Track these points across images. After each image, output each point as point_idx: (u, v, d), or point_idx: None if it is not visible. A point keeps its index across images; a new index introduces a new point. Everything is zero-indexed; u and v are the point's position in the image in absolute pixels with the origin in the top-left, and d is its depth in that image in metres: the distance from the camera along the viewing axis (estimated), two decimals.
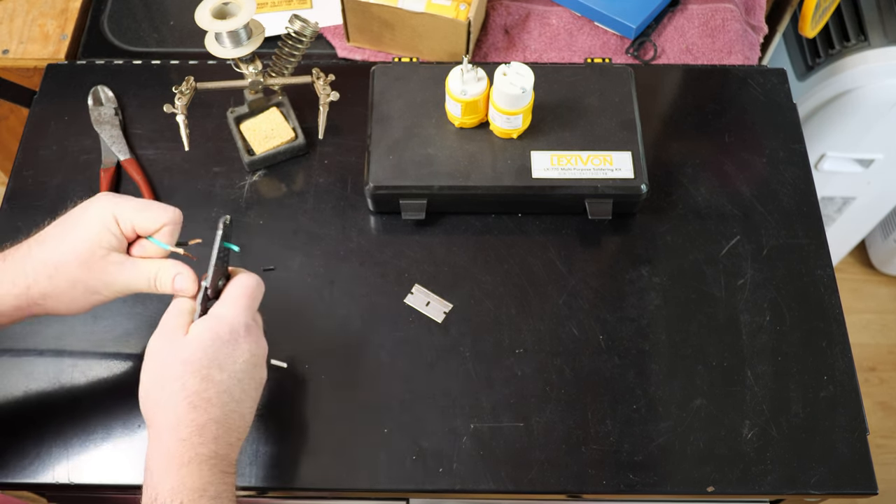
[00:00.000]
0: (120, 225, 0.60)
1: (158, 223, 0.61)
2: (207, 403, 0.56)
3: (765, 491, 0.69)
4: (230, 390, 0.57)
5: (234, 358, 0.57)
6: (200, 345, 0.57)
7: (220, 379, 0.56)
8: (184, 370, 0.56)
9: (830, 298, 0.77)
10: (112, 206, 0.60)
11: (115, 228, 0.60)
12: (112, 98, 0.87)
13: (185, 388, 0.55)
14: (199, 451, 0.55)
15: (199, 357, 0.56)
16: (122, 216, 0.60)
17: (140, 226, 0.61)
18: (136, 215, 0.61)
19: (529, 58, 0.94)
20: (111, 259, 0.60)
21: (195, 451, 0.55)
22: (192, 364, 0.56)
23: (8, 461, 0.69)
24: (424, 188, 0.77)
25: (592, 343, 0.74)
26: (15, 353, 0.74)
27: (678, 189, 0.83)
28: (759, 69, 0.92)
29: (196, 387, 0.55)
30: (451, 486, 0.68)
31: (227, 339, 0.57)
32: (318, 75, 0.81)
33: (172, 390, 0.56)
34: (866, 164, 1.29)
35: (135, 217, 0.61)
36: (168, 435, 0.55)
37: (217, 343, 0.57)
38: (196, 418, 0.55)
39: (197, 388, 0.55)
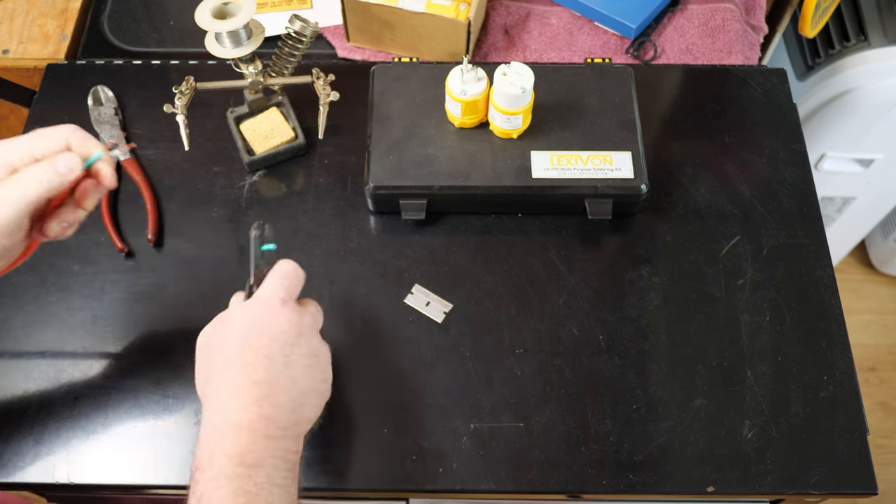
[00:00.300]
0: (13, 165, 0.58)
1: (57, 143, 0.59)
2: (247, 367, 0.56)
3: (765, 491, 0.69)
4: (271, 355, 0.57)
5: (273, 326, 0.57)
6: (236, 320, 0.58)
7: (260, 344, 0.56)
8: (222, 344, 0.58)
9: (830, 298, 0.77)
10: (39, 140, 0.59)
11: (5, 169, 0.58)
12: (112, 98, 0.87)
13: (224, 358, 0.57)
14: (237, 418, 0.54)
15: (236, 329, 0.58)
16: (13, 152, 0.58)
17: (40, 152, 0.58)
18: (28, 144, 0.58)
19: (529, 58, 0.94)
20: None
21: (234, 417, 0.54)
22: (230, 337, 0.57)
23: (8, 461, 0.69)
24: (424, 188, 0.77)
25: (592, 343, 0.74)
26: (15, 353, 0.74)
27: (678, 189, 0.83)
28: (759, 69, 0.92)
29: (233, 353, 0.56)
30: (451, 486, 0.68)
31: (261, 312, 0.58)
32: (318, 75, 0.81)
33: (214, 366, 0.57)
34: (866, 164, 1.29)
35: (27, 146, 0.58)
36: (209, 405, 0.56)
37: (251, 316, 0.58)
38: (235, 381, 0.55)
39: (234, 355, 0.56)
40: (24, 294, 0.77)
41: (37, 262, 0.78)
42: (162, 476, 0.69)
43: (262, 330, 0.57)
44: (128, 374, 0.73)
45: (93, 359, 0.74)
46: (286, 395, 0.57)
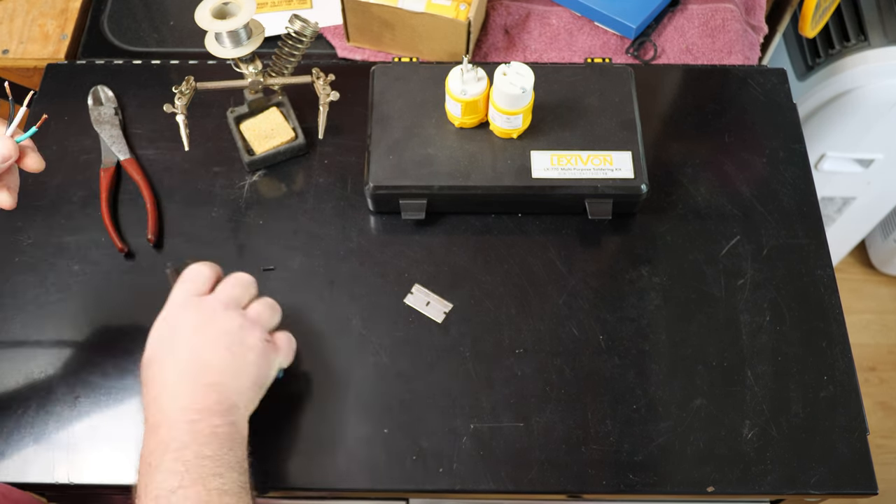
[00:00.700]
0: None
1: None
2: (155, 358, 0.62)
3: (765, 491, 0.69)
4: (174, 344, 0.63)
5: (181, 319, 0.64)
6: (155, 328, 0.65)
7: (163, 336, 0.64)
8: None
9: (830, 298, 0.77)
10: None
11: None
12: (112, 98, 0.88)
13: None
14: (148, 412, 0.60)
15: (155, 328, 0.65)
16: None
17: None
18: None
19: (529, 58, 0.94)
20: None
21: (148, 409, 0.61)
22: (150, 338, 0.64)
23: (8, 461, 0.69)
24: (424, 188, 0.77)
25: (592, 343, 0.74)
26: (15, 353, 0.74)
27: (678, 189, 0.83)
28: (759, 69, 0.92)
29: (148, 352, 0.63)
30: (451, 486, 0.68)
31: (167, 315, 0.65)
32: (318, 75, 0.81)
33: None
34: (866, 164, 1.29)
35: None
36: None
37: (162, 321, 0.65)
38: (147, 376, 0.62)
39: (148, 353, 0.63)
40: (24, 294, 0.77)
41: (37, 262, 0.78)
42: None
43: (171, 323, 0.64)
44: (128, 374, 0.73)
45: (93, 359, 0.74)
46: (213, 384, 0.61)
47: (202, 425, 0.58)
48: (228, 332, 0.63)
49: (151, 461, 0.57)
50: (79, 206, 0.81)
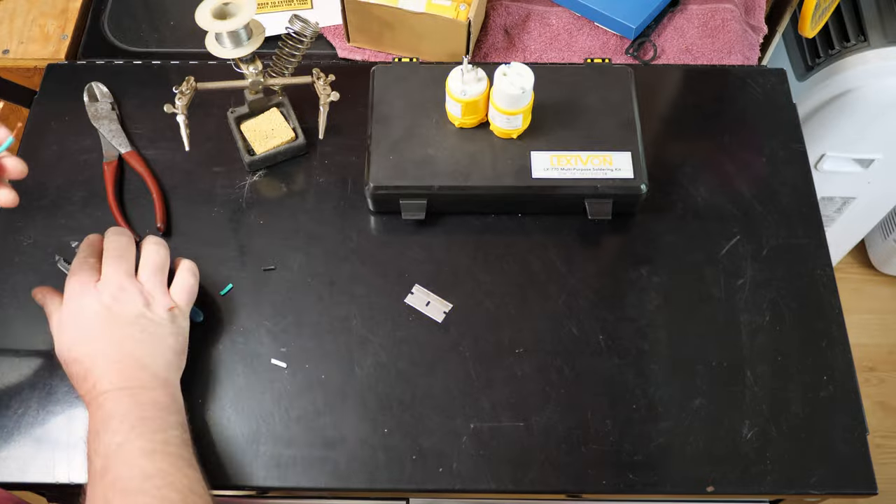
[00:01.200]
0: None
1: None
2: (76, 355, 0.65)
3: (765, 491, 0.69)
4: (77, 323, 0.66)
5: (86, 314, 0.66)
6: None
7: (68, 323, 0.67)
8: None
9: (830, 298, 0.77)
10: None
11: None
12: (107, 93, 0.88)
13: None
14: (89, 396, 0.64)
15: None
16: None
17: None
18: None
19: (529, 58, 0.94)
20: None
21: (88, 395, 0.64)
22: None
23: (8, 461, 0.69)
24: (424, 188, 0.78)
25: (592, 343, 0.75)
26: (15, 353, 0.74)
27: (678, 189, 0.83)
28: (758, 69, 0.92)
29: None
30: (451, 486, 0.68)
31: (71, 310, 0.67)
32: (319, 75, 0.81)
33: None
34: (866, 164, 1.29)
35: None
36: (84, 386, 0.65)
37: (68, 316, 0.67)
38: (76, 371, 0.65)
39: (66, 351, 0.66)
40: (24, 294, 0.77)
41: (38, 262, 0.79)
42: None
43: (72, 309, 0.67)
44: None
45: None
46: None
47: (143, 396, 0.63)
48: (135, 318, 0.66)
49: (98, 429, 0.61)
50: (79, 207, 0.82)
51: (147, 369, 0.65)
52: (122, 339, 0.65)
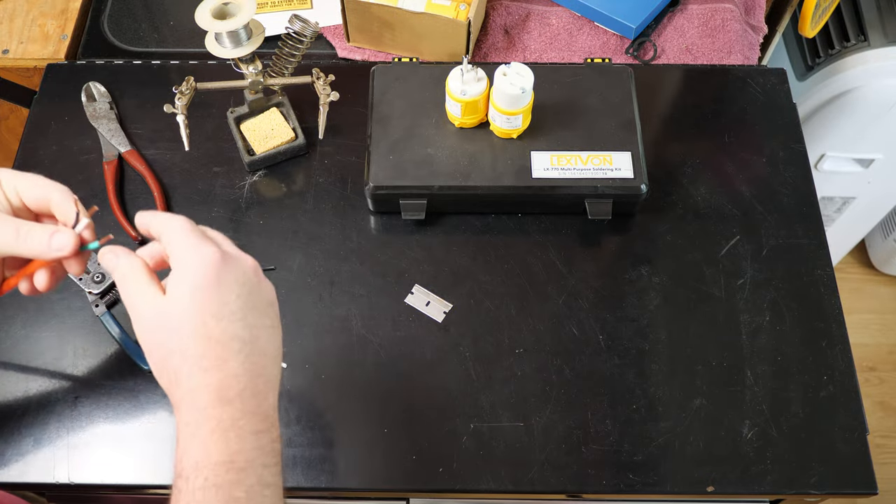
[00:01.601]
0: (3, 186, 0.55)
1: (45, 190, 0.55)
2: (217, 361, 0.49)
3: (765, 491, 0.69)
4: (237, 335, 0.50)
5: (224, 299, 0.50)
6: (181, 304, 0.49)
7: (221, 330, 0.49)
8: (179, 338, 0.49)
9: (830, 298, 0.77)
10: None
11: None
12: (104, 93, 0.88)
13: (186, 356, 0.49)
14: (220, 419, 0.48)
15: (188, 317, 0.49)
16: (6, 180, 0.55)
17: (25, 192, 0.55)
18: (21, 180, 0.55)
19: (529, 58, 0.94)
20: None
21: (216, 419, 0.48)
22: (184, 328, 0.49)
23: (8, 461, 0.69)
24: (424, 188, 0.78)
25: (592, 343, 0.74)
26: (15, 354, 0.74)
27: (678, 189, 0.83)
28: (759, 69, 0.92)
29: (198, 349, 0.49)
30: (451, 486, 0.68)
31: (207, 284, 0.49)
32: (318, 75, 0.81)
33: (175, 364, 0.49)
34: (866, 164, 1.29)
35: (18, 182, 0.55)
36: (186, 407, 0.49)
37: (199, 294, 0.49)
38: (209, 382, 0.49)
39: (199, 351, 0.49)
40: (24, 294, 0.77)
41: None
42: (162, 476, 0.69)
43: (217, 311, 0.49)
44: (128, 374, 0.73)
45: (93, 359, 0.74)
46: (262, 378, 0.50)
47: (265, 441, 0.49)
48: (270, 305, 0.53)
49: (209, 475, 0.47)
50: None
51: (272, 390, 0.51)
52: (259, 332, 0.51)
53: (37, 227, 0.53)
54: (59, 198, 0.55)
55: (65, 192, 0.55)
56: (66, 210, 0.54)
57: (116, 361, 0.74)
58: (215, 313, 0.49)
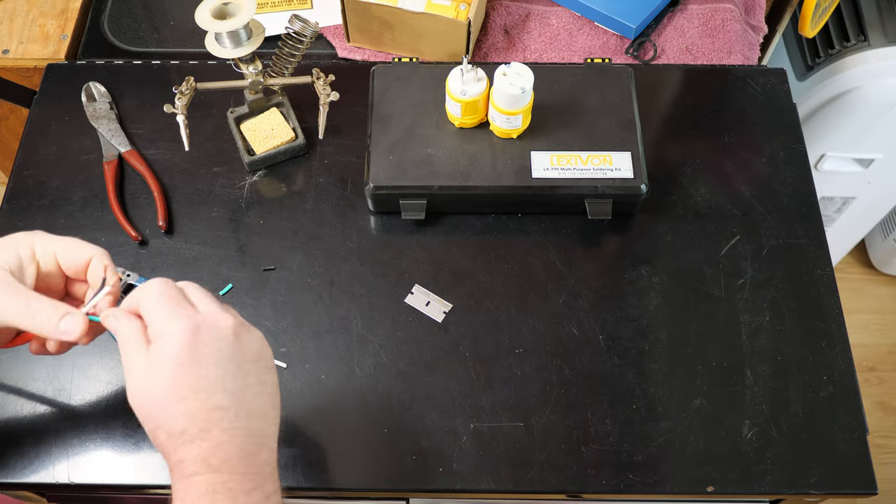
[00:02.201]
0: (36, 252, 0.55)
1: (83, 254, 0.55)
2: (200, 433, 0.49)
3: (765, 491, 0.69)
4: (218, 405, 0.49)
5: (202, 372, 0.49)
6: (162, 380, 0.49)
7: (200, 403, 0.49)
8: (163, 414, 0.49)
9: (830, 298, 0.77)
10: (33, 235, 0.56)
11: (27, 253, 0.55)
12: (104, 93, 0.88)
13: (171, 432, 0.49)
14: (209, 484, 0.48)
15: (169, 393, 0.49)
16: (42, 244, 0.55)
17: (62, 255, 0.56)
18: (58, 244, 0.55)
19: (529, 58, 0.94)
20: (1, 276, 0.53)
21: (205, 485, 0.48)
22: (167, 404, 0.49)
23: (8, 461, 0.69)
24: (424, 188, 0.78)
25: (592, 343, 0.74)
26: (15, 354, 0.74)
27: (678, 189, 0.83)
28: (759, 69, 0.92)
29: (179, 425, 0.49)
30: (451, 486, 0.68)
31: (183, 360, 0.49)
32: (318, 75, 0.81)
33: (162, 438, 0.50)
34: (866, 164, 1.29)
35: (56, 246, 0.55)
36: (176, 476, 0.50)
37: (177, 370, 0.49)
38: (194, 454, 0.49)
39: (181, 426, 0.49)
40: None
41: None
42: (162, 476, 0.69)
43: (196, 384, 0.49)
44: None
45: (93, 359, 0.74)
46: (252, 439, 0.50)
47: (256, 499, 0.49)
48: (258, 358, 0.52)
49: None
50: (79, 206, 0.82)
51: (264, 445, 0.51)
52: (243, 394, 0.50)
53: (46, 306, 0.53)
54: (96, 262, 0.55)
55: (101, 256, 0.55)
56: (96, 274, 0.54)
57: (116, 361, 0.74)
58: (193, 387, 0.49)
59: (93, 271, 0.56)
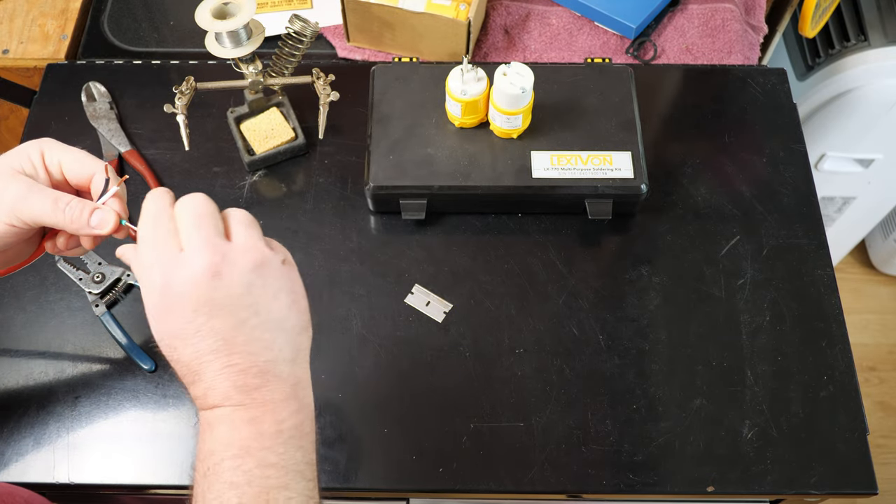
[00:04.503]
0: (45, 158, 0.55)
1: (85, 167, 0.56)
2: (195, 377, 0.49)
3: (765, 491, 0.69)
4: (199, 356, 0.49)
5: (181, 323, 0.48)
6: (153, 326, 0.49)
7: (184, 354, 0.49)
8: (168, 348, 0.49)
9: (830, 298, 0.77)
10: (42, 142, 0.56)
11: (37, 158, 0.55)
12: (104, 93, 0.88)
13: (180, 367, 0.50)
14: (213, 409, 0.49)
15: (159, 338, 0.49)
16: (50, 151, 0.56)
17: (67, 165, 0.56)
18: (65, 154, 0.56)
19: (529, 58, 0.94)
20: (18, 179, 0.54)
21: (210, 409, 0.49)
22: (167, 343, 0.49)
23: (8, 461, 0.69)
24: (424, 188, 0.77)
25: (592, 343, 0.74)
26: (15, 353, 0.74)
27: (678, 189, 0.83)
28: (759, 69, 0.92)
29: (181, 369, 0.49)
30: (451, 486, 0.68)
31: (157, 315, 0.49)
32: (318, 75, 0.81)
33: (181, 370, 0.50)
34: (866, 164, 1.29)
35: (63, 156, 0.56)
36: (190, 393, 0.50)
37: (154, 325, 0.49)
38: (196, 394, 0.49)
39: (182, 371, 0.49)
40: (24, 294, 0.77)
41: (38, 262, 0.78)
42: (162, 476, 0.69)
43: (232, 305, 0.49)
44: (128, 374, 0.73)
45: (93, 359, 0.74)
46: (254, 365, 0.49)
47: (266, 425, 0.49)
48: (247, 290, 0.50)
49: (209, 466, 0.48)
50: None
51: (270, 371, 0.50)
52: (233, 329, 0.49)
53: (75, 201, 0.54)
54: (98, 177, 0.56)
55: (105, 170, 0.56)
56: (98, 180, 0.55)
57: (116, 361, 0.74)
58: (177, 334, 0.49)
59: (95, 184, 0.56)
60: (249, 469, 0.48)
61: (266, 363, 0.50)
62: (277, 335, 0.51)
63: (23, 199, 0.54)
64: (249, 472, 0.48)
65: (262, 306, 0.50)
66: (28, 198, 0.54)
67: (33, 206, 0.54)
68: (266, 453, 0.48)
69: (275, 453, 0.49)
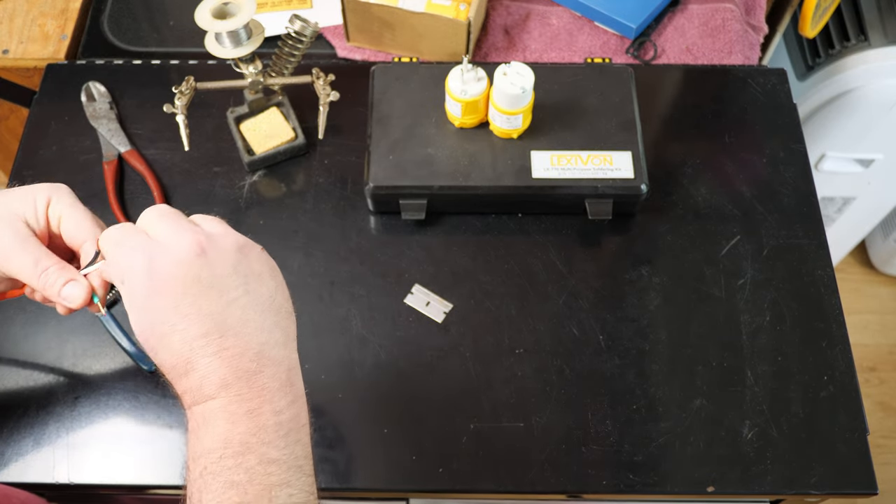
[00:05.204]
0: (49, 208, 0.54)
1: (83, 232, 0.54)
2: (187, 368, 0.47)
3: (765, 491, 0.69)
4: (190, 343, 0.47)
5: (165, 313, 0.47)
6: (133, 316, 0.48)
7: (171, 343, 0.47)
8: (150, 348, 0.48)
9: (830, 298, 0.77)
10: (55, 189, 0.55)
11: (42, 206, 0.54)
12: (104, 93, 0.88)
13: (163, 365, 0.48)
14: (203, 413, 0.47)
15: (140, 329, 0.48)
16: (57, 203, 0.54)
17: (64, 224, 0.55)
18: (67, 211, 0.54)
19: (529, 58, 0.94)
20: (13, 228, 0.53)
21: (204, 402, 0.47)
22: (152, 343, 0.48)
23: (8, 461, 0.69)
24: (424, 188, 0.77)
25: (592, 343, 0.74)
26: (15, 354, 0.74)
27: (678, 189, 0.83)
28: (759, 69, 0.92)
29: (165, 358, 0.48)
30: (451, 486, 0.68)
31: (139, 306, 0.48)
32: (318, 75, 0.81)
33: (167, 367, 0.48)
34: (866, 164, 1.29)
35: (65, 212, 0.54)
36: (178, 387, 0.48)
37: (135, 315, 0.48)
38: (185, 387, 0.47)
39: (170, 363, 0.48)
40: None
41: None
42: (162, 476, 0.69)
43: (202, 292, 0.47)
44: (128, 375, 0.73)
45: (93, 359, 0.74)
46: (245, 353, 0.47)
47: (264, 417, 0.47)
48: (233, 271, 0.49)
49: (206, 465, 0.46)
50: None
51: (265, 354, 0.48)
52: (223, 310, 0.47)
53: (54, 267, 0.53)
54: (89, 245, 0.54)
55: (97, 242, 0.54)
56: (88, 249, 0.54)
57: (116, 362, 0.74)
58: (164, 321, 0.47)
59: (85, 252, 0.55)
60: (251, 466, 0.46)
61: (260, 346, 0.48)
62: (267, 316, 0.49)
63: (7, 251, 0.53)
64: (251, 470, 0.46)
65: (250, 286, 0.49)
66: (12, 253, 0.53)
67: (13, 262, 0.53)
68: (267, 448, 0.47)
69: (276, 448, 0.47)
